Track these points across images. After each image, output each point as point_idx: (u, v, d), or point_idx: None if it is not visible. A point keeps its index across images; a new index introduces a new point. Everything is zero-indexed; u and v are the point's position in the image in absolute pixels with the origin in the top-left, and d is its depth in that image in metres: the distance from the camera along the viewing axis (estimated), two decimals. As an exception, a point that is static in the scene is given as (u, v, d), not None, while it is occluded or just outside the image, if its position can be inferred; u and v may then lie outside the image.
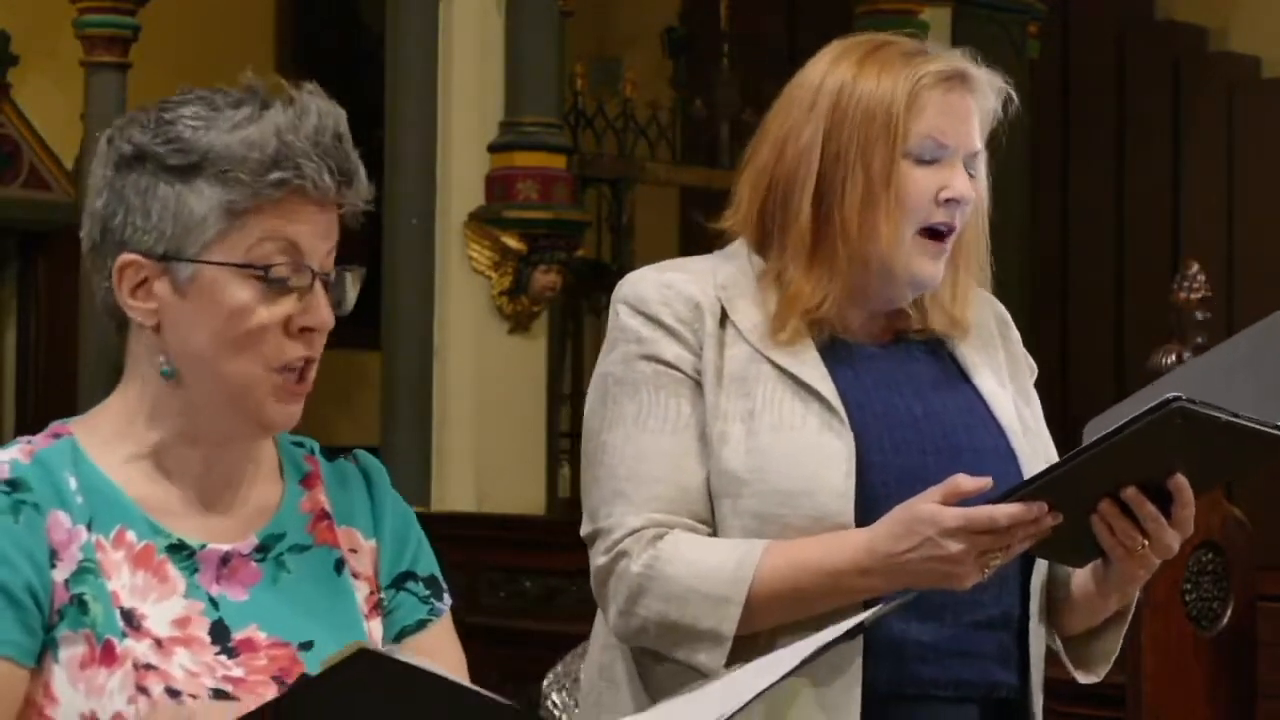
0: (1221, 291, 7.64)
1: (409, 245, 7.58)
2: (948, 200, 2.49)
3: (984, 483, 2.33)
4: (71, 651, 1.92)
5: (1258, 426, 2.28)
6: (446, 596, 2.13)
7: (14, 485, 1.93)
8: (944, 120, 2.49)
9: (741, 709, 1.89)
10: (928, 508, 2.33)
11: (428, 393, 7.58)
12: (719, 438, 2.44)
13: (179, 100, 1.99)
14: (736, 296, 2.51)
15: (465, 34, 7.69)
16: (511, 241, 7.68)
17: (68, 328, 9.51)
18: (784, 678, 1.95)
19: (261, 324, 1.95)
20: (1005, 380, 2.58)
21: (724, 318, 2.49)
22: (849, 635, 2.07)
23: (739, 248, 2.56)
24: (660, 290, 2.50)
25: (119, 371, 2.05)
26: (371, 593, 2.08)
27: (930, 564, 2.32)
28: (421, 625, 2.10)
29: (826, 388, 2.46)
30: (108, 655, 1.91)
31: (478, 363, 7.68)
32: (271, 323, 1.96)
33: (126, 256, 1.97)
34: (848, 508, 2.41)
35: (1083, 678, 2.60)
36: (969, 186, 2.51)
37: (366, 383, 8.49)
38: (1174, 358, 5.09)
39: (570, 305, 9.20)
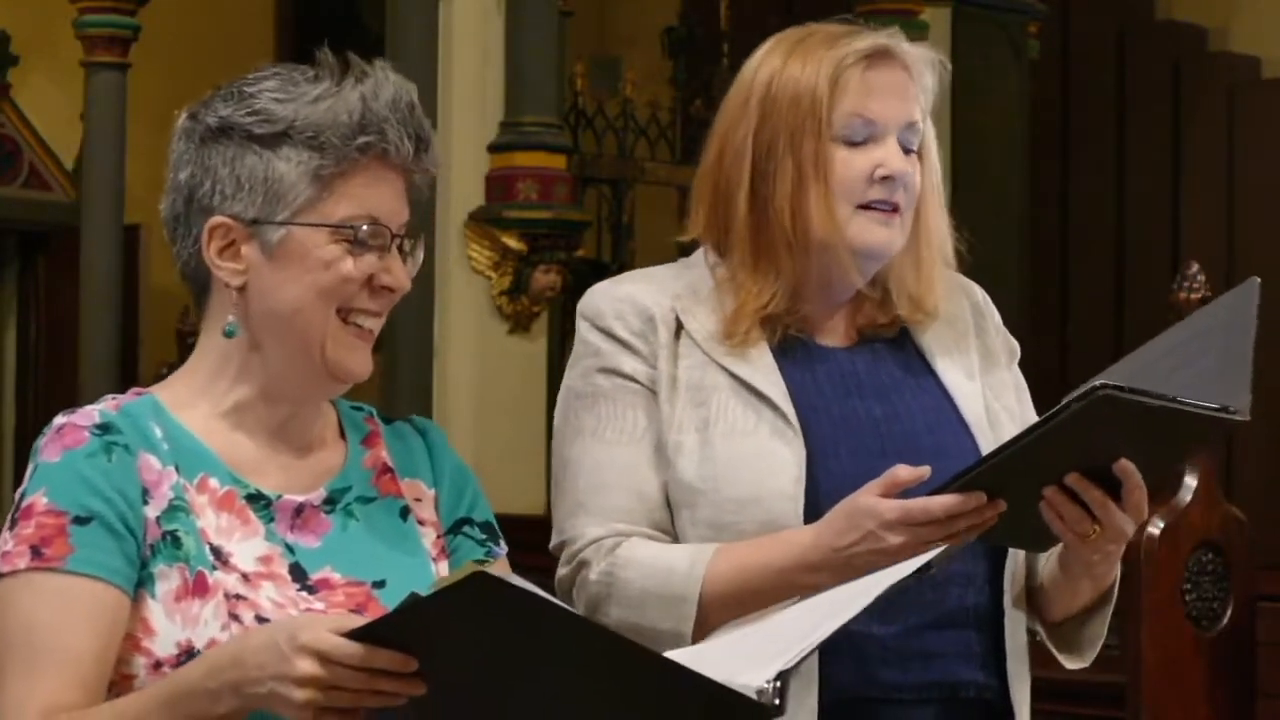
0: (1221, 291, 7.63)
1: (409, 245, 7.58)
2: (884, 178, 2.47)
3: (921, 473, 2.32)
4: (167, 585, 2.00)
5: (1192, 408, 2.26)
6: (503, 543, 2.22)
7: (105, 428, 2.03)
8: (869, 98, 2.48)
9: (812, 650, 1.93)
10: (867, 501, 2.32)
11: (428, 393, 7.58)
12: (674, 448, 2.46)
13: (258, 76, 2.09)
14: (693, 305, 2.51)
15: (465, 34, 7.69)
16: (511, 241, 7.69)
17: (68, 328, 9.51)
18: (850, 618, 1.99)
19: (349, 275, 2.06)
20: (975, 373, 2.56)
21: (679, 328, 2.50)
22: (916, 575, 2.11)
23: (700, 255, 2.57)
24: (614, 304, 2.51)
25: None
26: (438, 537, 2.17)
27: (874, 557, 2.30)
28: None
29: (778, 393, 2.46)
30: (200, 586, 2.00)
31: (478, 363, 7.68)
32: (357, 276, 2.06)
33: (216, 219, 2.06)
34: (797, 512, 2.41)
35: (1069, 663, 2.58)
36: (904, 161, 2.48)
37: (367, 383, 8.48)
38: (1174, 358, 5.09)
39: (570, 305, 9.19)
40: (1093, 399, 2.21)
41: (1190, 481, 5.19)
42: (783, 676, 1.87)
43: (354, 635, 1.80)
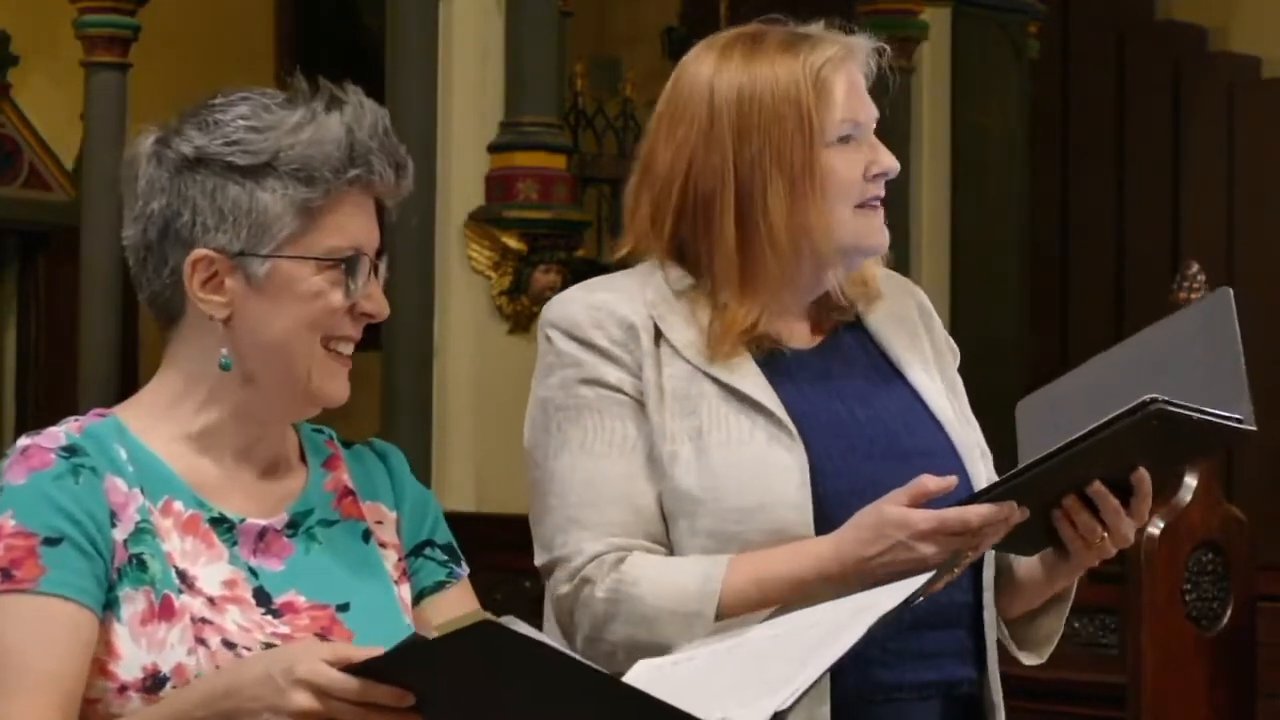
0: (1221, 291, 7.62)
1: (409, 245, 7.58)
2: (876, 175, 2.47)
3: (949, 482, 2.31)
4: (133, 609, 1.99)
5: (1229, 423, 2.29)
6: (464, 565, 2.23)
7: (71, 450, 2.02)
8: (851, 99, 2.47)
9: (807, 691, 1.92)
10: (896, 511, 2.30)
11: (428, 393, 7.58)
12: (669, 458, 2.41)
13: (226, 102, 2.06)
14: (668, 313, 2.47)
15: (465, 34, 7.69)
16: (511, 241, 7.68)
17: (68, 327, 9.52)
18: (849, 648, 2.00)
19: (337, 306, 2.05)
20: (934, 373, 2.57)
21: (658, 335, 2.46)
22: (906, 604, 2.11)
23: (652, 266, 2.51)
24: (591, 313, 2.46)
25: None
26: (400, 559, 2.17)
27: (902, 567, 2.29)
28: (440, 586, 2.19)
29: (770, 400, 2.43)
30: (166, 609, 1.99)
31: (478, 363, 7.68)
32: (341, 307, 2.06)
33: (199, 252, 2.04)
34: (806, 520, 2.38)
35: (1026, 659, 2.58)
36: (892, 156, 2.49)
37: (366, 383, 8.48)
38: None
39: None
40: (1145, 413, 2.22)
41: (1190, 481, 5.18)
42: (777, 717, 1.87)
43: (351, 670, 1.80)
